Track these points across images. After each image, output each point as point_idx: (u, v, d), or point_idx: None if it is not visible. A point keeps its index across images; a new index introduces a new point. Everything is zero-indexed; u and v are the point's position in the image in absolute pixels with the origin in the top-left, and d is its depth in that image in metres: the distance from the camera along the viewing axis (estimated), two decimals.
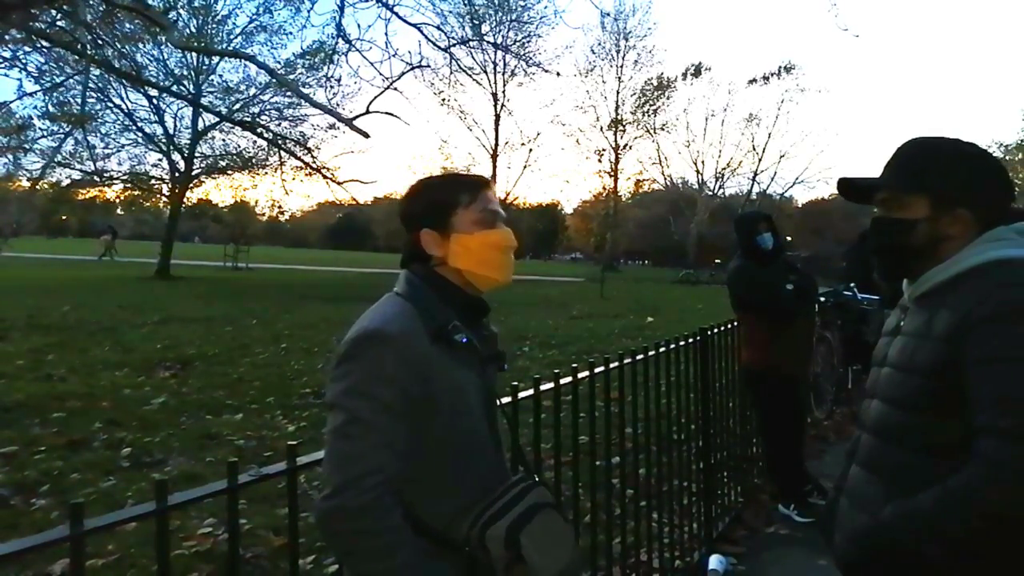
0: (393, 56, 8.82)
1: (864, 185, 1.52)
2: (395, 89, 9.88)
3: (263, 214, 43.22)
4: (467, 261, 1.41)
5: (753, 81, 47.77)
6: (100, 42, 8.20)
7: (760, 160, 48.64)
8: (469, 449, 1.37)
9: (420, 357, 1.30)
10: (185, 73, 24.71)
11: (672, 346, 3.39)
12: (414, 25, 8.80)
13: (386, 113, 9.40)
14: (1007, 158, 41.12)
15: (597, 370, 2.72)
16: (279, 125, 23.94)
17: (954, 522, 1.22)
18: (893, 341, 1.48)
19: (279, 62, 23.42)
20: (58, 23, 7.59)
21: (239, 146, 26.63)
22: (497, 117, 42.86)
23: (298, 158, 18.14)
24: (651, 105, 47.76)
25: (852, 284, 6.73)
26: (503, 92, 42.12)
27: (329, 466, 1.25)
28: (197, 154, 26.27)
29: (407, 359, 1.28)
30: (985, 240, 1.38)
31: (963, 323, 1.28)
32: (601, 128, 47.79)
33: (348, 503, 1.21)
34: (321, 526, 1.26)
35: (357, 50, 8.69)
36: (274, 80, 18.58)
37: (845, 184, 1.54)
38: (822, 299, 6.00)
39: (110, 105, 23.45)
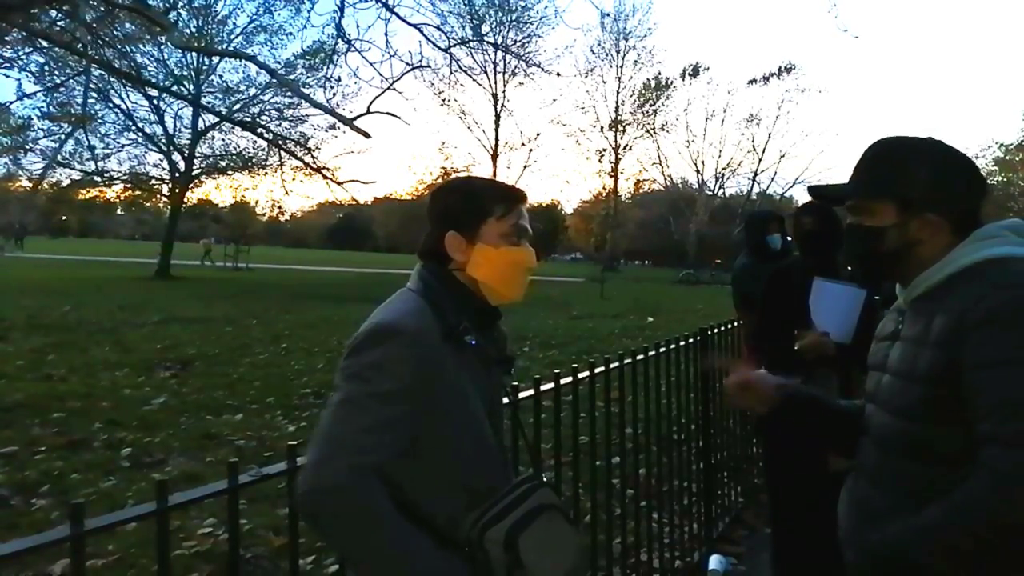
0: (393, 56, 8.83)
1: (832, 195, 1.50)
2: (395, 89, 9.89)
3: (263, 214, 43.29)
4: (485, 273, 1.40)
5: (753, 81, 47.99)
6: (100, 42, 8.20)
7: (760, 160, 48.82)
8: (471, 450, 1.36)
9: (430, 355, 1.29)
10: (185, 73, 24.74)
11: (672, 346, 3.39)
12: (414, 25, 8.82)
13: (386, 113, 9.39)
14: (1007, 158, 41.04)
15: (597, 370, 2.71)
16: (279, 125, 23.99)
17: (963, 534, 1.20)
18: (892, 346, 1.43)
19: (279, 62, 23.47)
20: (58, 23, 7.60)
21: (239, 146, 26.71)
22: (497, 117, 42.99)
23: (298, 158, 18.19)
24: (651, 105, 47.88)
25: None
26: (503, 92, 42.27)
27: (312, 442, 1.25)
28: (197, 154, 26.31)
29: (416, 355, 1.28)
30: (977, 238, 1.34)
31: (959, 326, 1.24)
32: (601, 128, 47.93)
33: (321, 482, 1.20)
34: (299, 504, 1.24)
35: (357, 50, 8.71)
36: (274, 80, 18.58)
37: (816, 191, 1.53)
38: None
39: (110, 105, 23.52)
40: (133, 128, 24.82)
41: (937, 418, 1.27)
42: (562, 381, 2.43)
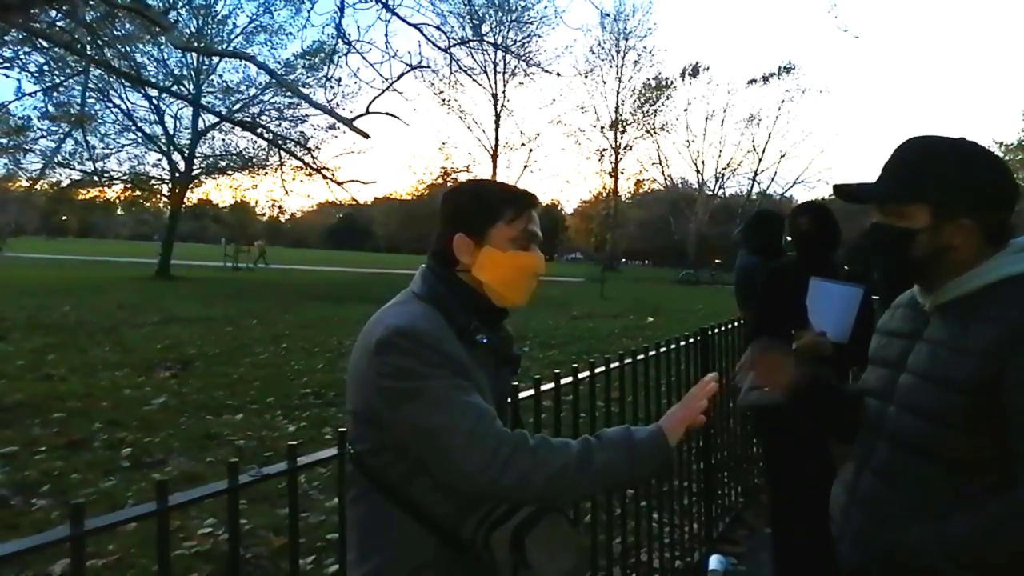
0: (393, 57, 8.81)
1: (861, 193, 1.46)
2: (395, 90, 9.85)
3: (263, 214, 43.34)
4: (491, 276, 1.40)
5: (753, 81, 47.99)
6: (100, 42, 8.19)
7: (760, 160, 48.83)
8: None
9: (453, 350, 1.30)
10: (185, 73, 24.77)
11: (672, 346, 3.39)
12: (414, 25, 8.79)
13: (386, 114, 9.33)
14: (1007, 158, 41.11)
15: (597, 370, 2.72)
16: (279, 125, 24.01)
17: (994, 549, 1.19)
18: (913, 345, 1.39)
19: (279, 62, 23.53)
20: (58, 23, 7.59)
21: (239, 146, 26.73)
22: (497, 117, 43.01)
23: (298, 158, 18.17)
24: (651, 105, 47.91)
25: None
26: (503, 92, 42.32)
27: (458, 465, 1.22)
28: (197, 154, 26.31)
29: (443, 351, 1.28)
30: (1018, 248, 1.31)
31: (1011, 338, 1.21)
32: (601, 128, 47.94)
33: (511, 481, 1.21)
34: (521, 501, 1.26)
35: (357, 51, 8.69)
36: (274, 80, 18.57)
37: (841, 190, 1.49)
38: None
39: (110, 105, 23.53)
40: (133, 128, 24.85)
41: (970, 426, 1.25)
42: (562, 381, 2.43)
